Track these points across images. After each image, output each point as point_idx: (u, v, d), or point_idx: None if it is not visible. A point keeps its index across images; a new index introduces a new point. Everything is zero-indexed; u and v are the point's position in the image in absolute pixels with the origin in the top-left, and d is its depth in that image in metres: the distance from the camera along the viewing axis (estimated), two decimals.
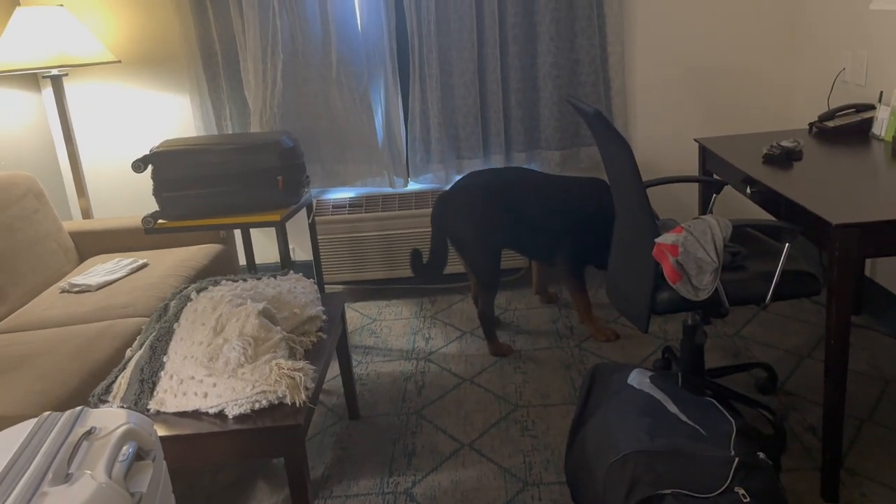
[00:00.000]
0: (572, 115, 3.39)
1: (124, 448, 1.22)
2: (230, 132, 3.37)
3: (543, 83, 3.32)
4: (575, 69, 3.34)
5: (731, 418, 1.70)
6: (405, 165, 3.48)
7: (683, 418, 1.68)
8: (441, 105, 3.34)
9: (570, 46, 3.31)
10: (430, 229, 3.42)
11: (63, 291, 2.64)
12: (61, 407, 1.79)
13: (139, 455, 1.25)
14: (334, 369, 2.85)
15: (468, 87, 3.32)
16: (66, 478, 1.12)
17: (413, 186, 3.53)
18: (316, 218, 3.38)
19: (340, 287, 3.64)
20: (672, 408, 1.73)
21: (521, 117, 3.38)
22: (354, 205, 3.47)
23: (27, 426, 1.27)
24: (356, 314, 3.38)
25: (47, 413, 1.30)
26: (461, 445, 2.28)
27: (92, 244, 3.05)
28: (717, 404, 1.77)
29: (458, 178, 3.50)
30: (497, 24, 3.25)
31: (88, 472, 1.13)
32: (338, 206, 3.46)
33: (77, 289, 2.63)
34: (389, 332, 3.16)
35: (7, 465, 1.15)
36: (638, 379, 1.85)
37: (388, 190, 3.50)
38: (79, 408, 1.32)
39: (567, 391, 2.54)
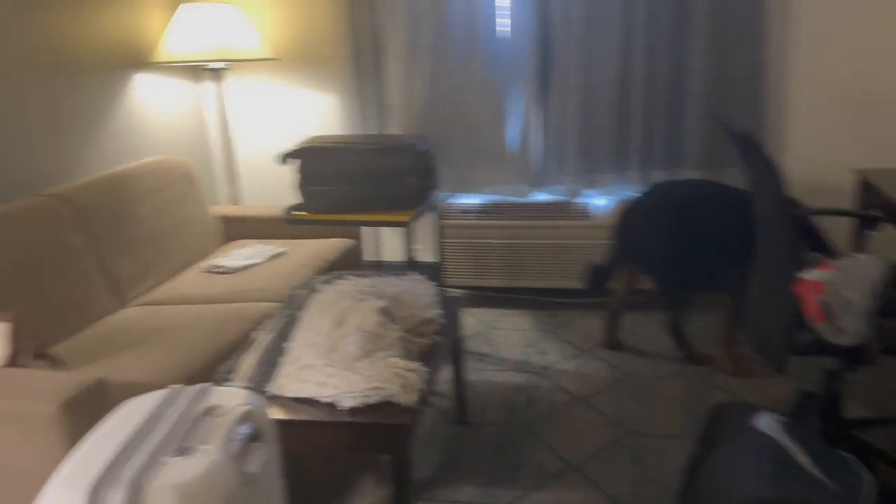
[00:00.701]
0: (718, 134, 3.22)
1: (241, 428, 1.27)
2: (371, 132, 3.47)
3: (691, 99, 3.18)
4: (726, 86, 3.17)
5: (869, 477, 1.54)
6: (535, 175, 3.45)
7: (812, 470, 1.54)
8: (579, 116, 3.28)
9: (723, 62, 3.14)
10: (554, 241, 3.37)
11: (205, 272, 2.81)
12: (189, 380, 1.91)
13: (254, 436, 1.30)
14: (447, 372, 2.87)
15: (609, 100, 3.24)
16: (185, 450, 1.18)
17: (542, 197, 3.49)
18: (444, 221, 3.42)
19: (460, 291, 3.66)
20: (801, 458, 1.59)
21: (664, 133, 3.25)
22: (482, 211, 3.47)
23: (156, 396, 1.35)
24: (473, 320, 3.38)
25: (176, 386, 1.39)
26: (567, 466, 2.22)
27: (235, 229, 3.24)
28: (855, 459, 1.61)
29: (588, 191, 3.42)
30: (645, 37, 3.14)
31: (205, 447, 1.19)
32: (466, 211, 3.48)
33: (218, 270, 2.80)
34: (505, 341, 3.14)
35: (134, 431, 1.23)
36: (767, 423, 1.72)
37: (517, 199, 3.48)
38: (204, 384, 1.39)
39: (686, 424, 2.42)
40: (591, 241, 3.33)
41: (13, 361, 1.77)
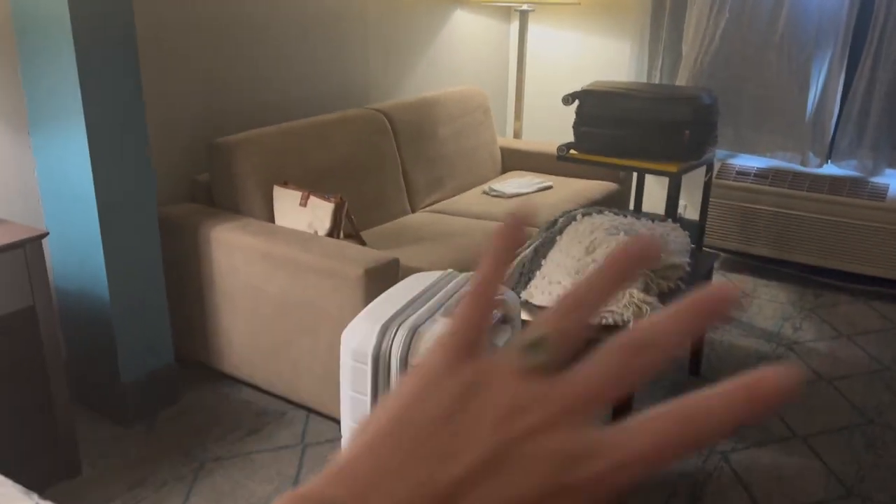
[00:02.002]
0: None
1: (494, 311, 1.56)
2: (658, 82, 3.53)
3: None
4: None
5: None
6: (827, 146, 3.26)
7: None
8: (890, 88, 3.02)
9: None
10: (837, 219, 3.19)
11: (484, 193, 3.18)
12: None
13: (504, 319, 1.59)
14: None
15: None
16: (451, 314, 1.50)
17: (830, 170, 3.29)
18: (717, 180, 3.40)
19: (722, 255, 3.63)
20: None
21: None
22: (760, 175, 3.38)
23: (435, 274, 1.70)
24: (730, 284, 3.36)
25: (449, 270, 1.72)
26: (793, 435, 2.23)
27: (515, 160, 3.56)
28: None
29: (890, 171, 3.16)
30: None
31: None
32: (742, 173, 3.42)
33: (494, 193, 3.15)
34: (759, 311, 3.10)
35: (416, 294, 1.58)
36: None
37: (801, 168, 3.33)
38: (471, 272, 1.71)
39: None
40: (882, 224, 3.10)
41: (332, 234, 2.27)
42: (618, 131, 2.77)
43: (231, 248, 2.25)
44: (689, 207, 3.75)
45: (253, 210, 2.37)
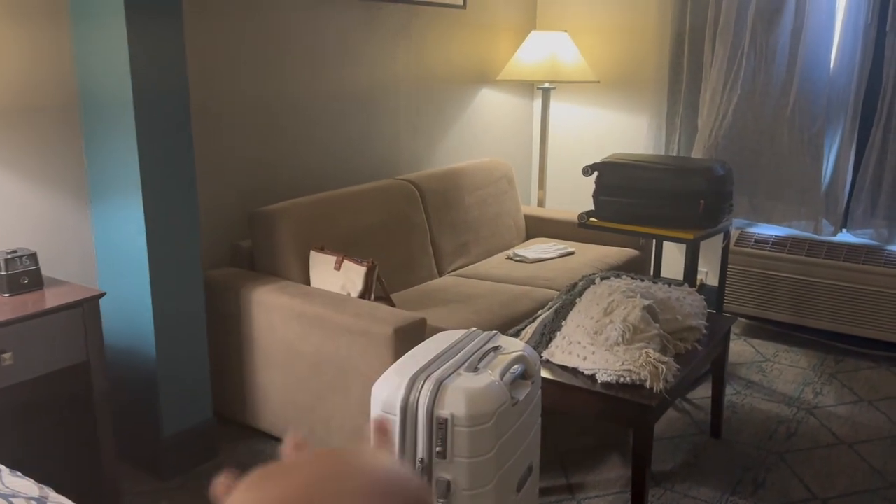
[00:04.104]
0: None
1: (515, 366, 1.67)
2: (674, 154, 3.69)
3: None
4: None
5: None
6: (842, 215, 3.36)
7: None
8: None
9: None
10: (854, 285, 3.25)
11: (508, 258, 3.32)
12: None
13: (524, 375, 1.70)
14: (708, 389, 3.00)
15: None
16: (475, 370, 1.62)
17: (845, 238, 3.38)
18: (735, 248, 3.50)
19: (743, 321, 3.69)
20: None
21: None
22: (778, 243, 3.48)
23: (460, 333, 1.82)
24: (750, 349, 3.42)
25: (473, 328, 1.84)
26: (814, 497, 2.26)
27: (538, 227, 3.71)
28: None
29: None
30: None
31: (489, 371, 1.61)
32: (760, 241, 3.52)
33: (518, 259, 3.28)
34: (779, 375, 3.14)
35: (442, 350, 1.70)
36: None
37: (819, 237, 3.42)
38: (494, 331, 1.82)
39: None
40: None
41: (364, 296, 2.40)
42: (635, 200, 2.91)
43: (269, 309, 2.39)
44: (709, 274, 3.84)
45: (290, 273, 2.53)
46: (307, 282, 2.53)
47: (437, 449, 1.53)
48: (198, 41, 2.54)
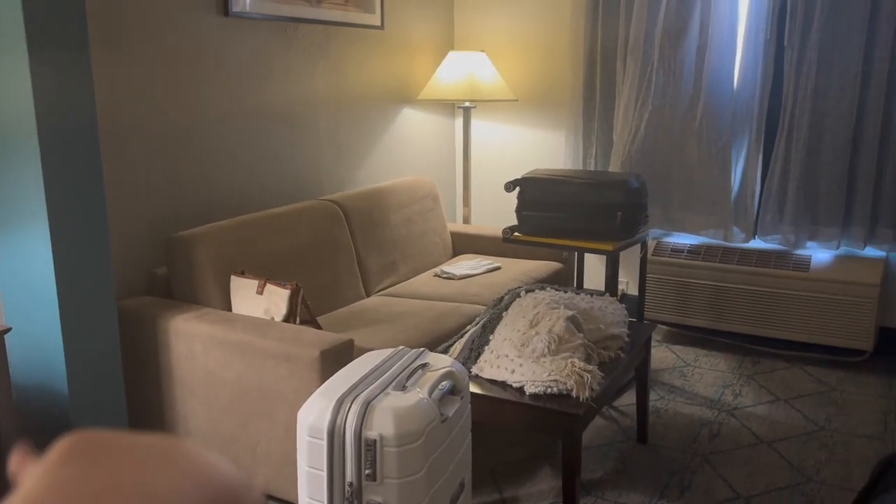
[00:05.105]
0: None
1: (444, 382, 1.67)
2: (592, 168, 3.79)
3: None
4: None
5: None
6: (752, 223, 3.52)
7: None
8: (804, 168, 3.31)
9: None
10: (766, 289, 3.41)
11: (435, 275, 3.32)
12: None
13: (453, 391, 1.69)
14: (632, 396, 3.07)
15: (837, 155, 3.23)
16: (403, 388, 1.60)
17: (756, 244, 3.54)
18: (653, 257, 3.61)
19: (663, 327, 3.81)
20: None
21: (893, 192, 3.17)
22: (693, 251, 3.61)
23: (387, 352, 1.80)
24: (672, 355, 3.52)
25: (401, 347, 1.83)
26: (737, 496, 2.33)
27: (464, 243, 3.73)
28: None
29: (810, 243, 3.41)
30: (884, 97, 3.11)
31: (417, 389, 1.60)
32: (676, 250, 3.64)
33: (445, 276, 3.29)
34: (700, 379, 3.25)
35: (369, 370, 1.68)
36: None
37: (730, 244, 3.57)
38: (422, 348, 1.82)
39: None
40: (807, 293, 3.32)
41: (289, 319, 2.35)
42: (556, 214, 2.97)
43: (189, 337, 2.31)
44: (630, 284, 3.95)
45: (211, 300, 2.45)
46: (228, 308, 2.46)
47: (367, 471, 1.50)
48: (108, 67, 2.46)
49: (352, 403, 1.53)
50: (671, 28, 3.44)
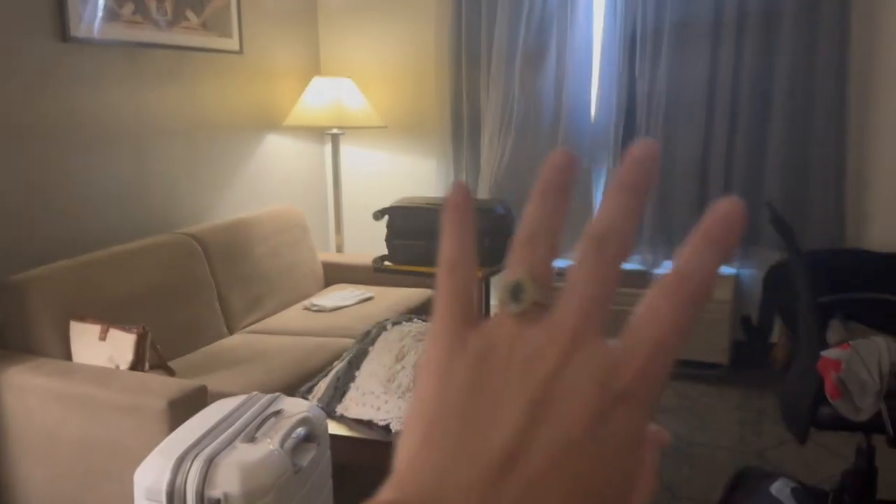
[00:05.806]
0: (791, 215, 3.31)
1: (299, 429, 1.57)
2: None
3: (770, 183, 3.31)
4: (805, 174, 3.27)
5: None
6: None
7: None
8: (658, 190, 3.47)
9: (802, 151, 3.26)
10: (628, 308, 3.52)
11: (305, 308, 3.20)
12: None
13: (309, 438, 1.60)
14: None
15: (689, 178, 3.41)
16: (253, 440, 1.50)
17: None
18: None
19: None
20: None
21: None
22: (561, 274, 3.68)
23: (238, 399, 1.69)
24: None
25: (254, 392, 1.72)
26: None
27: (337, 273, 3.63)
28: None
29: (667, 262, 3.57)
30: (727, 122, 3.32)
31: (268, 439, 1.50)
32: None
33: (315, 308, 3.18)
34: None
35: (216, 421, 1.56)
36: (779, 488, 1.83)
37: None
38: (276, 394, 1.72)
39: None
40: None
41: (136, 367, 2.18)
42: (426, 242, 2.94)
43: (23, 392, 2.09)
44: None
45: (48, 349, 2.23)
46: (69, 357, 2.25)
47: None
48: None
49: (193, 460, 1.41)
50: (531, 56, 3.52)
